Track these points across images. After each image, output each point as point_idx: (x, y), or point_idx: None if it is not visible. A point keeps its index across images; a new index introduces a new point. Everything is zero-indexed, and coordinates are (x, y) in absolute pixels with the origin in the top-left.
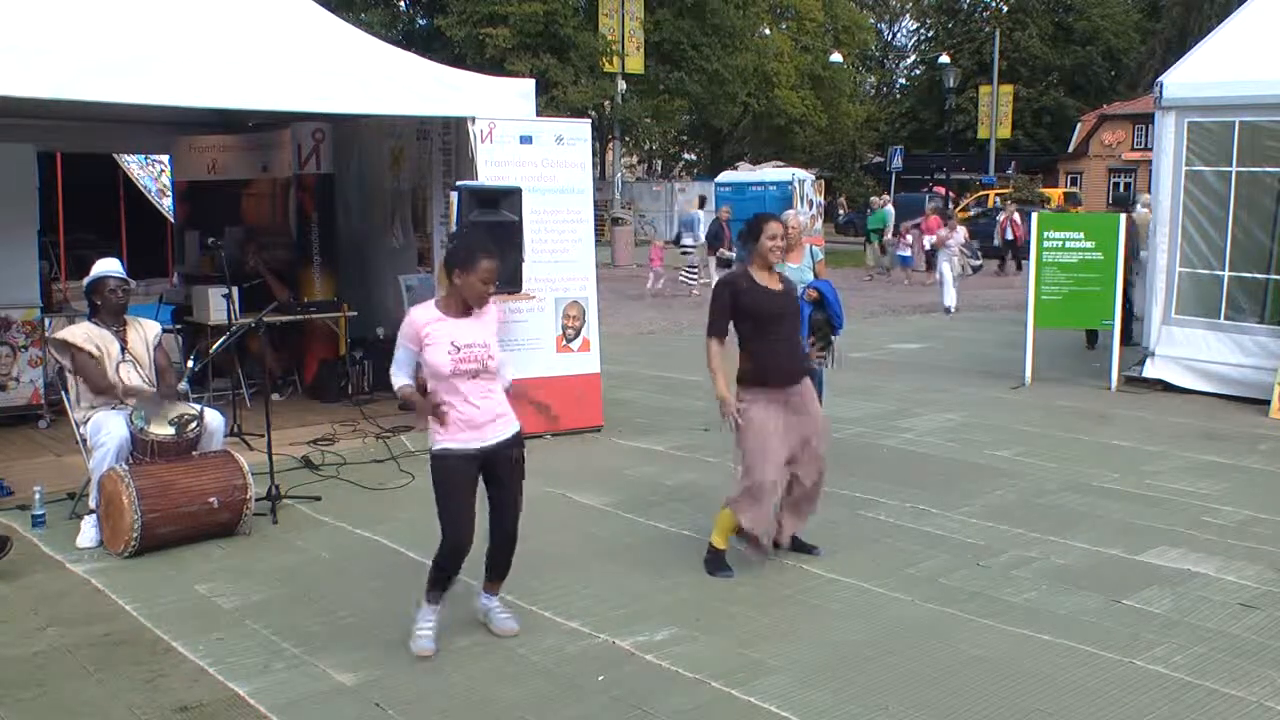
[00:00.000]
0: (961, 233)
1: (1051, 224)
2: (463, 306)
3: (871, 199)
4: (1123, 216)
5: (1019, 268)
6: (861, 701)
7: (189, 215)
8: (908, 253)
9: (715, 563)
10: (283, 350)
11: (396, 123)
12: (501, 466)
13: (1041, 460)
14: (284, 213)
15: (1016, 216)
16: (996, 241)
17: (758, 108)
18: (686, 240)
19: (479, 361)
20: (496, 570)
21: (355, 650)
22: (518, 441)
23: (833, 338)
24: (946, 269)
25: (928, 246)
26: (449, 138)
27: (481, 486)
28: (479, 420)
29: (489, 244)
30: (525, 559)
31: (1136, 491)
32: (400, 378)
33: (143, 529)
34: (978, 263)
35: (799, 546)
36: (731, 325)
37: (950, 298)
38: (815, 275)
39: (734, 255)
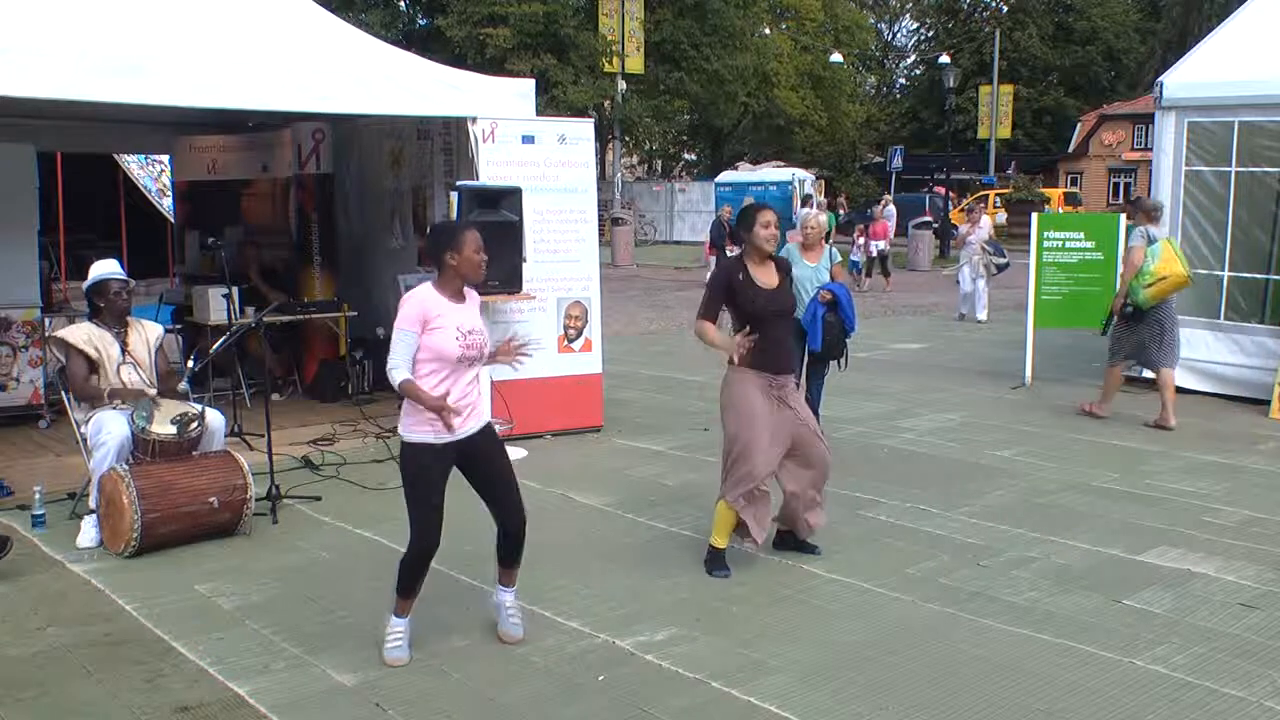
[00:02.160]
0: (985, 228)
1: (1051, 224)
2: (456, 292)
3: (818, 200)
4: (1122, 216)
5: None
6: (861, 701)
7: (189, 215)
8: (859, 257)
9: (715, 563)
10: (283, 350)
11: (396, 123)
12: (481, 447)
13: (1041, 460)
14: (284, 213)
15: (983, 219)
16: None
17: (758, 108)
18: None
19: (478, 348)
20: (511, 556)
21: (355, 650)
22: (489, 428)
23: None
24: (966, 271)
25: (874, 252)
26: (449, 138)
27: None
28: (464, 410)
29: (460, 222)
30: (525, 558)
31: (1136, 491)
32: (402, 371)
33: (143, 529)
34: (1003, 260)
35: (799, 546)
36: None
37: (973, 305)
38: (831, 277)
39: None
